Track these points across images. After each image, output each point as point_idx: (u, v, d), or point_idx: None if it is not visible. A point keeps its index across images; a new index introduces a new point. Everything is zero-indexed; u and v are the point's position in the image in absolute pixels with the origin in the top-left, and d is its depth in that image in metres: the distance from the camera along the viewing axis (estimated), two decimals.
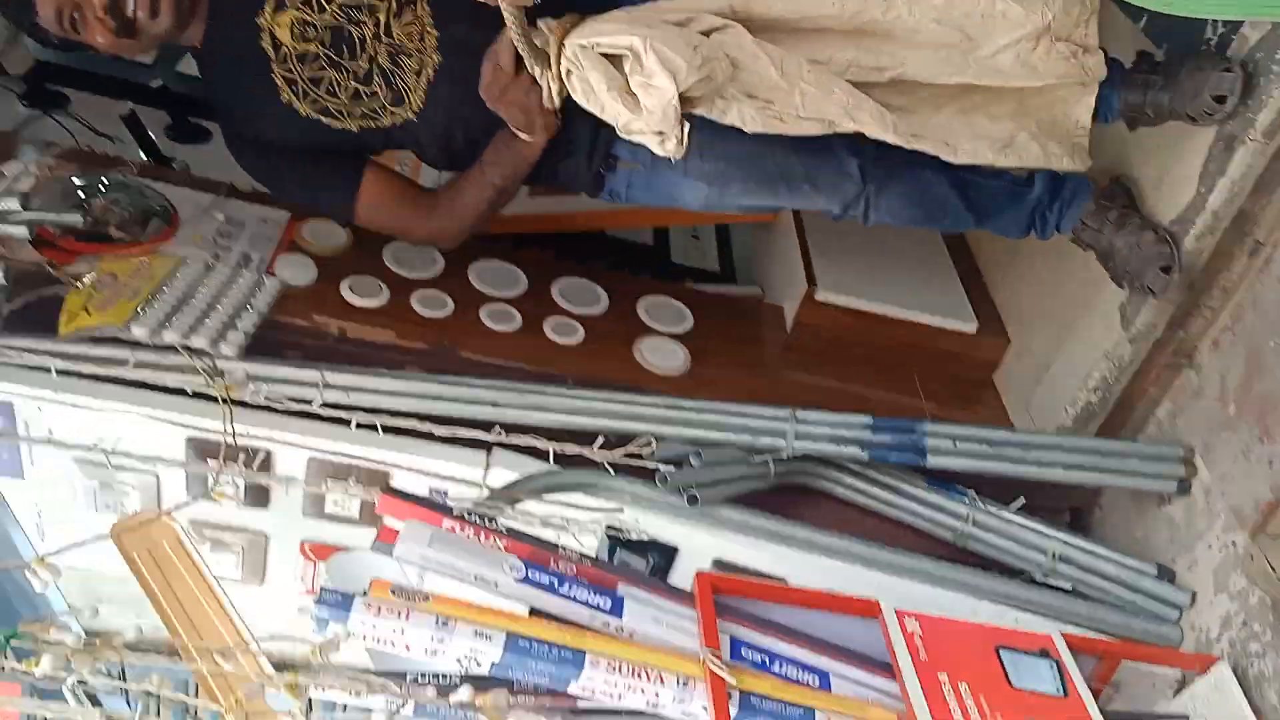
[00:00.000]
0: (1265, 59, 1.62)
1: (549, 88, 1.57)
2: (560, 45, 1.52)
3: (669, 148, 1.51)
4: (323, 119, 1.71)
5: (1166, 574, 1.69)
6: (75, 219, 1.81)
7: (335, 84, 1.69)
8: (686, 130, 1.50)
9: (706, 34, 1.53)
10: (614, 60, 1.50)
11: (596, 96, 1.51)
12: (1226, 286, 1.74)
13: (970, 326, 2.15)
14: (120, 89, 2.75)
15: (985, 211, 1.85)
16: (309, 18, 1.66)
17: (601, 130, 1.67)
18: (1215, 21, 1.74)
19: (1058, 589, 1.69)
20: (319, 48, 1.67)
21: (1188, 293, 1.75)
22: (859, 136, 1.63)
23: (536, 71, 1.55)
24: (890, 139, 1.61)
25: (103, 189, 1.99)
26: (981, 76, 1.64)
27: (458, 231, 1.82)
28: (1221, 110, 1.65)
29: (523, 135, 1.66)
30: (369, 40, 1.67)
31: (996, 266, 2.30)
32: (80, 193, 1.96)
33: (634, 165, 1.76)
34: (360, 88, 1.69)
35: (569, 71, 1.53)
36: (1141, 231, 1.74)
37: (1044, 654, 1.51)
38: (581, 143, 1.73)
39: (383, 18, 1.66)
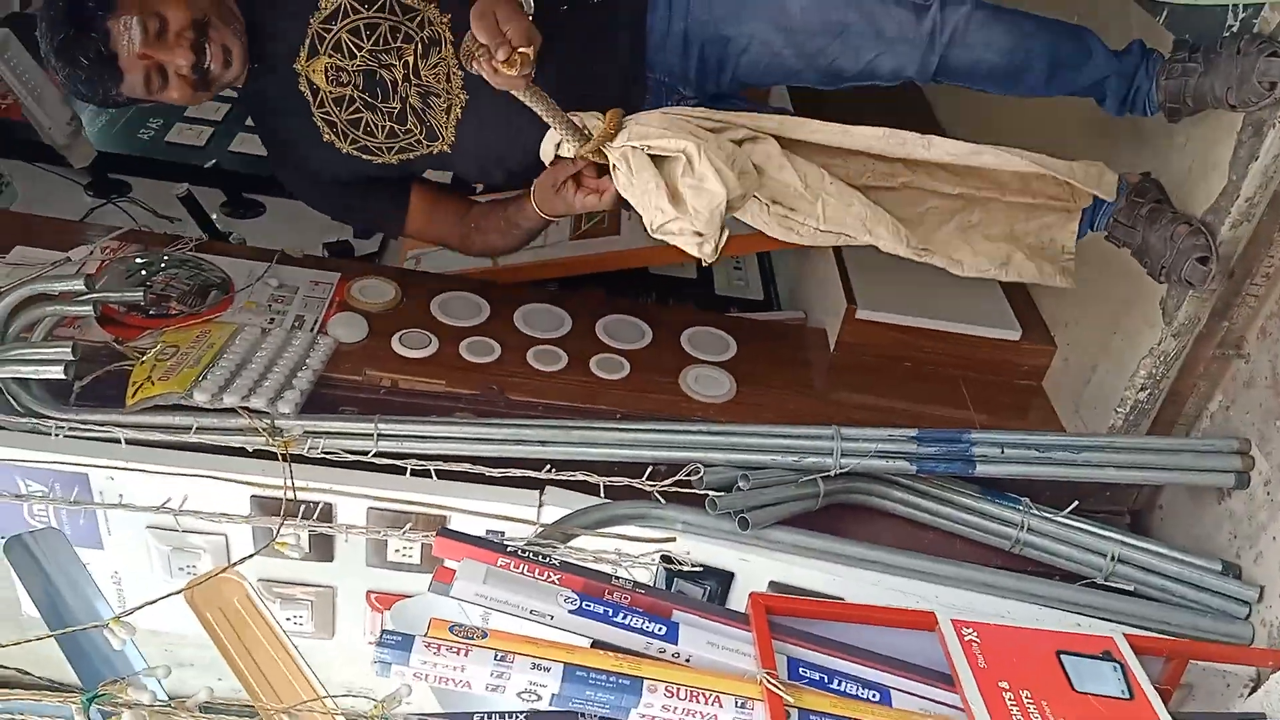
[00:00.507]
0: None
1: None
2: (605, 140, 1.60)
3: (706, 250, 1.58)
4: (363, 156, 1.81)
5: (1232, 570, 1.66)
6: (137, 296, 1.89)
7: (372, 125, 1.78)
8: (725, 237, 1.57)
9: (738, 143, 1.60)
10: (658, 160, 1.58)
11: (638, 192, 1.59)
12: (1269, 272, 1.72)
13: (1014, 334, 2.15)
14: (177, 172, 2.87)
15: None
16: (341, 63, 1.74)
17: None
18: (1235, 8, 1.73)
19: (1120, 591, 1.67)
20: (354, 91, 1.75)
21: (1228, 282, 1.73)
22: None
23: (571, 148, 1.63)
24: (902, 253, 1.71)
25: (163, 266, 2.08)
26: (981, 188, 1.75)
27: (484, 254, 1.98)
28: (1271, 96, 1.60)
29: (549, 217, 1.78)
30: (399, 82, 1.74)
31: (1041, 288, 2.29)
32: (142, 271, 2.06)
33: None
34: (395, 126, 1.78)
35: (614, 166, 1.61)
36: (1174, 224, 1.73)
37: (1107, 656, 1.49)
38: None
39: (411, 60, 1.73)
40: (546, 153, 1.70)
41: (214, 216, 2.85)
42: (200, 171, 2.86)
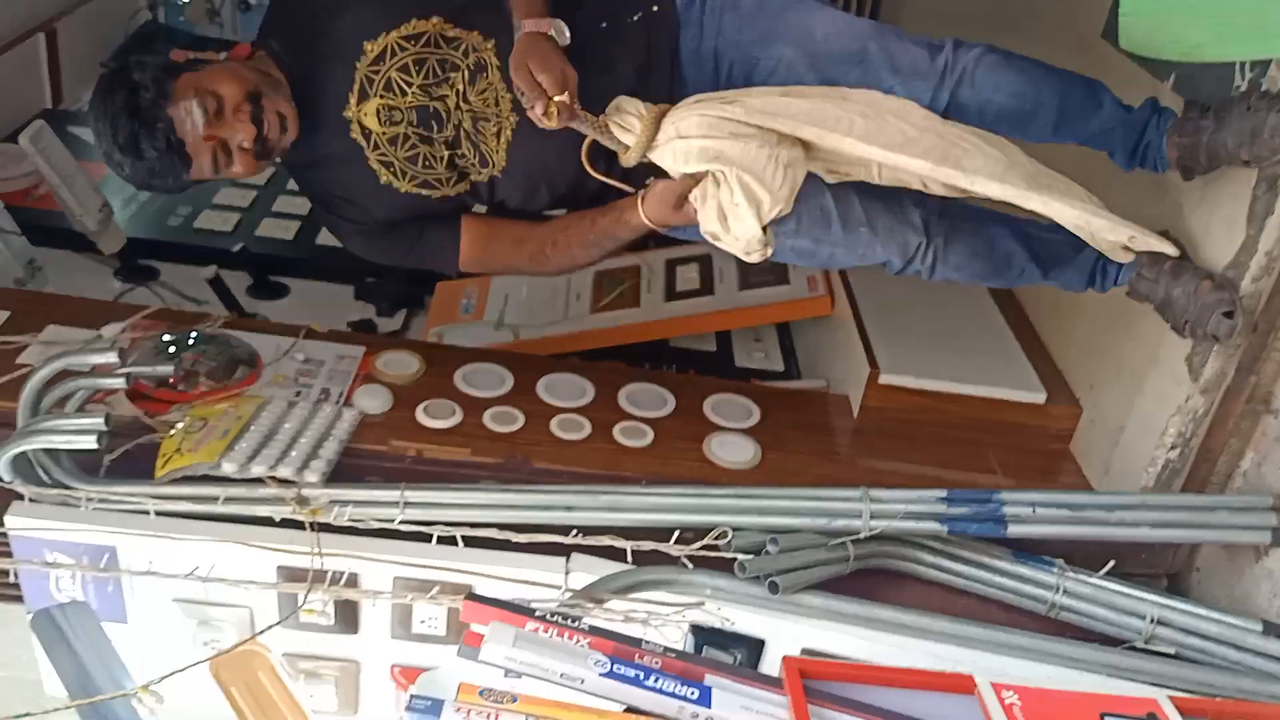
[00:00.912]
0: None
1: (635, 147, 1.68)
2: (648, 146, 1.67)
3: (754, 258, 1.65)
4: (423, 191, 1.83)
5: (1273, 630, 1.63)
6: (167, 371, 1.92)
7: (430, 157, 1.80)
8: (770, 242, 1.64)
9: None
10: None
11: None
12: None
13: (1039, 396, 2.14)
14: (205, 256, 2.91)
15: (1050, 263, 1.86)
16: (393, 102, 1.76)
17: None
18: (1243, 67, 1.76)
19: (1161, 654, 1.64)
20: (408, 128, 1.78)
21: (1253, 335, 1.73)
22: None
23: (622, 146, 1.69)
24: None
25: (192, 342, 2.11)
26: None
27: (557, 268, 1.94)
28: None
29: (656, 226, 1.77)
30: (451, 111, 1.77)
31: (1057, 333, 2.30)
32: (171, 347, 2.09)
33: None
34: (452, 154, 1.80)
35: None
36: (1198, 279, 1.73)
37: (1151, 719, 1.46)
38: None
39: (461, 87, 1.76)
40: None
41: (239, 299, 2.89)
42: (227, 255, 2.91)
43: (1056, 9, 2.47)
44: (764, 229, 1.65)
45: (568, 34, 1.65)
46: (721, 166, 1.61)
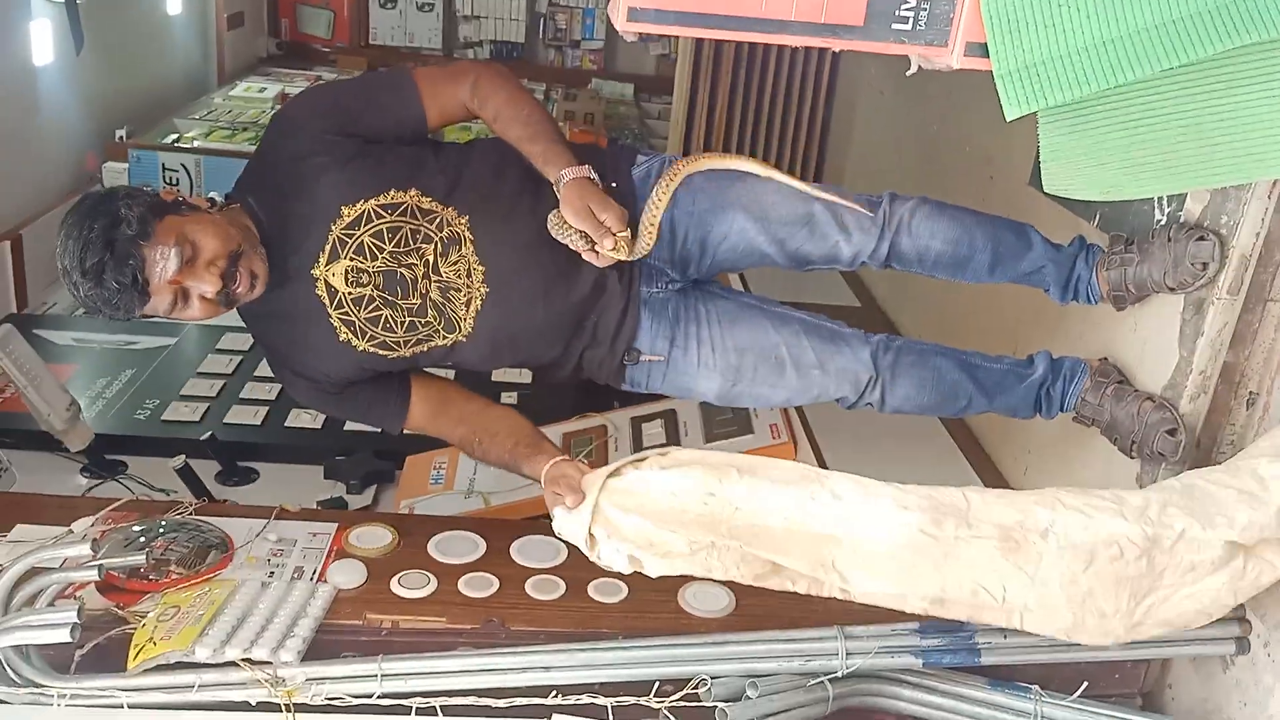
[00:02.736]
0: (1212, 226, 1.77)
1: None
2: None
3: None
4: (379, 352, 1.86)
5: None
6: (138, 560, 1.91)
7: (392, 320, 1.84)
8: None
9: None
10: None
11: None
12: (1233, 440, 1.80)
13: None
14: (173, 447, 2.93)
15: (995, 392, 1.94)
16: (362, 265, 1.81)
17: (625, 322, 1.84)
18: (1161, 202, 1.90)
19: None
20: (374, 291, 1.82)
21: (1196, 452, 1.81)
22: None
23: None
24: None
25: (162, 530, 2.12)
26: None
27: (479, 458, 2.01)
28: (1205, 275, 1.75)
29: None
30: (419, 279, 1.82)
31: (1014, 465, 2.37)
32: (141, 537, 2.09)
33: (655, 358, 1.91)
34: (416, 320, 1.85)
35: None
36: (1139, 401, 1.82)
37: None
38: (605, 334, 1.89)
39: (431, 259, 1.82)
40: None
41: (208, 487, 2.89)
42: (196, 444, 2.93)
43: (983, 163, 2.65)
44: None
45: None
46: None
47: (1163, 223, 1.88)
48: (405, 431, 2.01)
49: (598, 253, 1.71)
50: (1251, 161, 1.48)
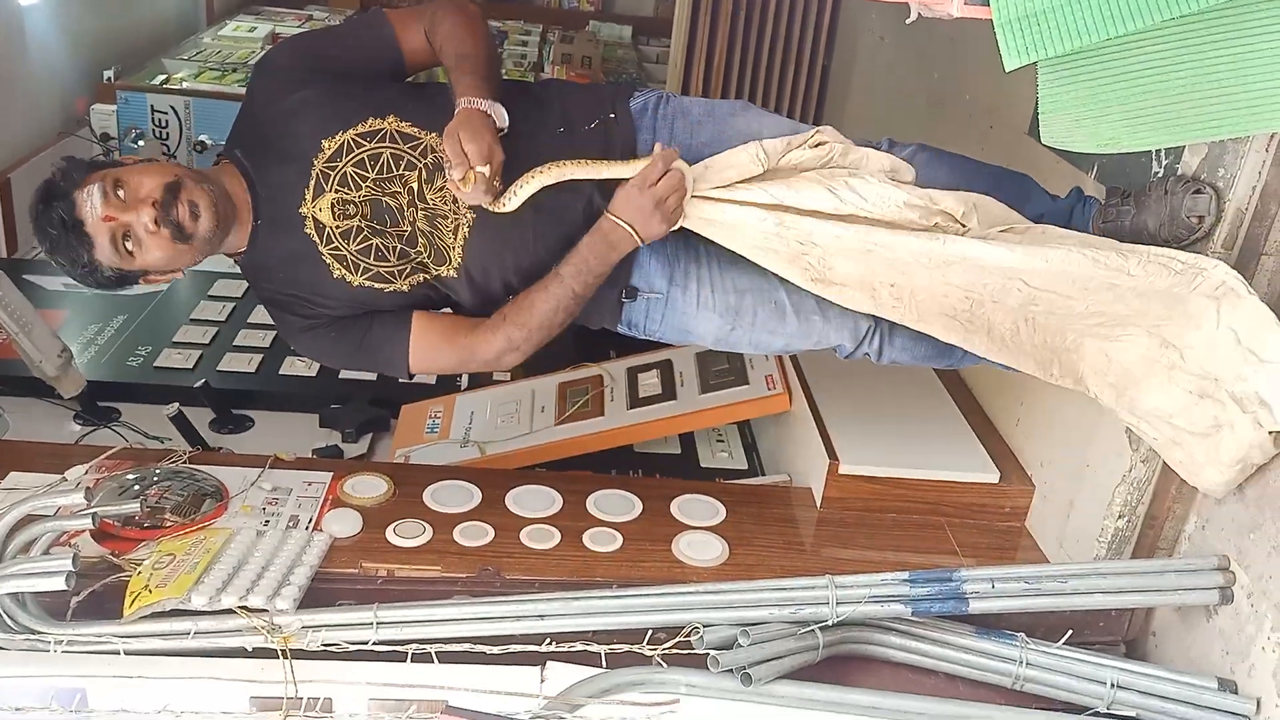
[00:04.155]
0: (1209, 179, 1.75)
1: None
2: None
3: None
4: (375, 284, 1.84)
5: (1228, 686, 1.67)
6: (133, 508, 1.92)
7: (383, 249, 1.82)
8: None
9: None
10: None
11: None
12: None
13: (993, 477, 2.21)
14: (166, 395, 2.93)
15: None
16: (347, 196, 1.80)
17: (622, 262, 1.81)
18: (1159, 154, 1.88)
19: (1123, 718, 1.67)
20: (362, 221, 1.81)
21: None
22: None
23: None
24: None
25: (156, 479, 2.13)
26: None
27: (526, 346, 1.86)
28: (1200, 230, 1.74)
29: (639, 237, 1.76)
30: (405, 208, 1.81)
31: (1006, 414, 2.38)
32: (136, 485, 2.10)
33: (652, 294, 1.89)
34: (405, 248, 1.83)
35: None
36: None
37: None
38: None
39: (415, 186, 1.80)
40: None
41: (202, 435, 2.90)
42: (189, 392, 2.93)
43: (984, 112, 2.63)
44: None
45: (506, 119, 1.73)
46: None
47: (1160, 174, 1.87)
48: (413, 374, 1.95)
49: (457, 187, 1.68)
50: (1250, 115, 1.46)
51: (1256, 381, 1.59)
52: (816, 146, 1.78)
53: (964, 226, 1.76)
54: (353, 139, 1.80)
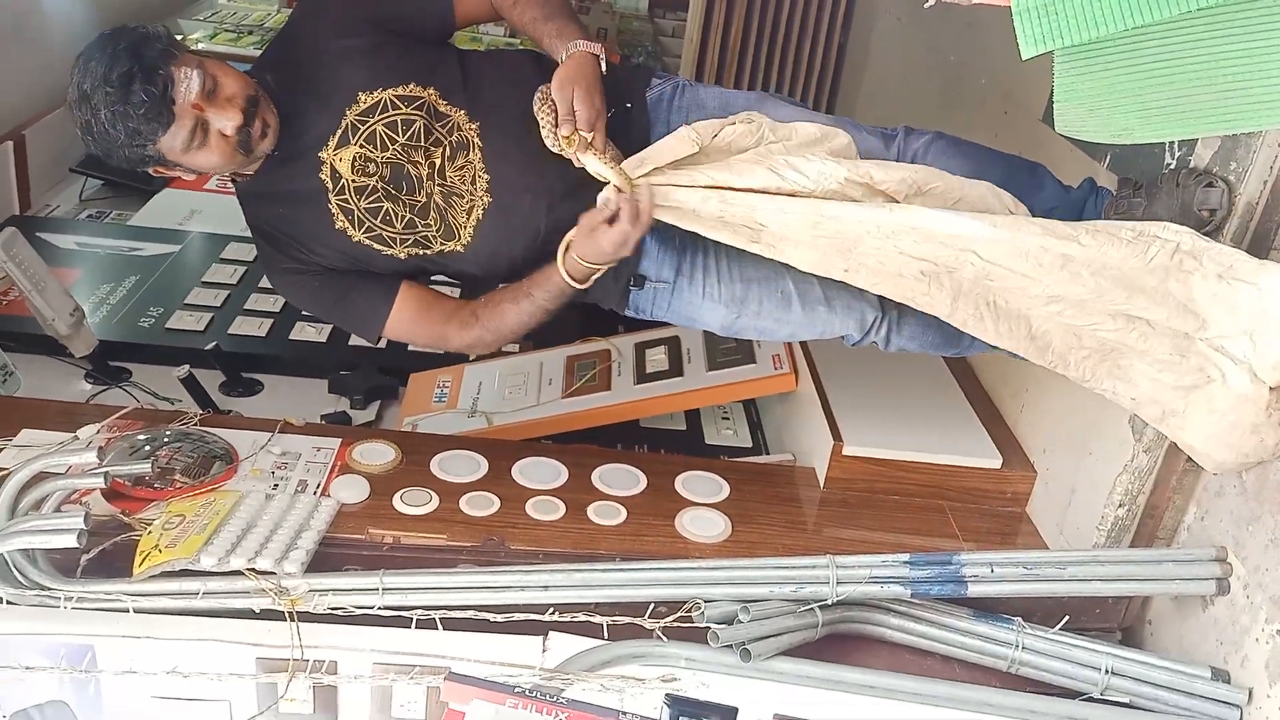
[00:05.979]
0: (1221, 172, 1.75)
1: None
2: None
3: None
4: (375, 245, 1.84)
5: (1221, 675, 1.69)
6: (143, 468, 1.95)
7: (392, 214, 1.82)
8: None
9: None
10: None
11: None
12: None
13: (995, 462, 2.22)
14: (177, 356, 2.95)
15: None
16: (370, 154, 1.79)
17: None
18: (1172, 146, 1.88)
19: (1117, 704, 1.69)
20: (379, 181, 1.80)
21: None
22: None
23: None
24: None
25: (167, 440, 2.15)
26: None
27: (493, 345, 1.94)
28: (1212, 223, 1.74)
29: (574, 284, 1.78)
30: (425, 179, 1.81)
31: (1011, 401, 2.39)
32: (146, 446, 2.13)
33: (660, 283, 1.90)
34: (416, 219, 1.83)
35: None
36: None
37: None
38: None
39: (438, 161, 1.80)
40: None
41: (212, 397, 2.92)
42: (200, 354, 2.95)
43: (1000, 98, 2.62)
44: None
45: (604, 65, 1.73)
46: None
47: (1172, 166, 1.87)
48: (379, 340, 1.98)
49: (556, 137, 1.68)
50: (1265, 109, 1.46)
51: (1241, 319, 1.58)
52: (749, 123, 1.77)
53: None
54: (391, 98, 1.79)
